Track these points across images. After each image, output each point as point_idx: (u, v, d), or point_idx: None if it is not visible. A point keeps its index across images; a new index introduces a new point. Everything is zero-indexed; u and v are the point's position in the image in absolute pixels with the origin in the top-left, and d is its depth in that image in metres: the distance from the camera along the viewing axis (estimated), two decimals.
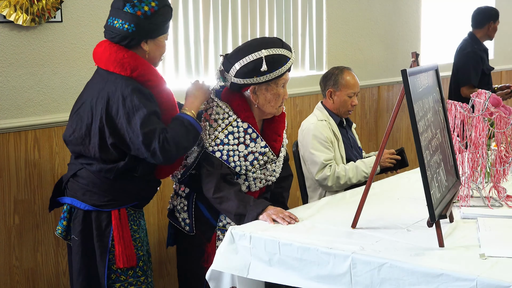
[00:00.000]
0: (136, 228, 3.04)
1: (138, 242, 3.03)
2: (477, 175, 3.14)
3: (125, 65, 2.87)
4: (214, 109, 3.17)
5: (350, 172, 3.77)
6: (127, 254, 2.95)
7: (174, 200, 3.31)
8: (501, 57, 7.48)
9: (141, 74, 2.89)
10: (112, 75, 2.89)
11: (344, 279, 2.49)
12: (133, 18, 2.86)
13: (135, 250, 2.99)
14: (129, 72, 2.87)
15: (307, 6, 5.02)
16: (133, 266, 2.98)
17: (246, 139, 3.13)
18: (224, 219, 3.17)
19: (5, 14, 3.21)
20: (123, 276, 2.98)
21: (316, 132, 3.81)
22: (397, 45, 5.93)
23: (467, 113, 3.10)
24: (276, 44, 3.11)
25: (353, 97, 3.93)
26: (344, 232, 2.74)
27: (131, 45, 2.91)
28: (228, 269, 2.79)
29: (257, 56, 3.04)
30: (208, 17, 4.29)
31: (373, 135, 5.67)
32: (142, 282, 3.02)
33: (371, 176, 2.79)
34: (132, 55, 2.90)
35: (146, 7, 2.86)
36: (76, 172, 2.99)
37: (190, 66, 4.20)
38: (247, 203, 2.98)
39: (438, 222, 2.52)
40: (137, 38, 2.89)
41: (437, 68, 2.98)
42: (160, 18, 2.91)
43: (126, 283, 2.99)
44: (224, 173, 3.08)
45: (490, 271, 2.27)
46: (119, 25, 2.88)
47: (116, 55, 2.89)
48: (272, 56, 3.06)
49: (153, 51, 2.97)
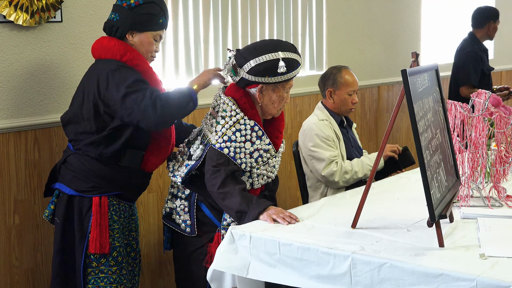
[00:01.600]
0: (116, 219, 3.11)
1: (116, 233, 3.11)
2: (477, 175, 3.14)
3: (115, 51, 3.04)
4: (221, 106, 3.19)
5: (355, 166, 3.80)
6: (100, 241, 3.03)
7: (173, 203, 3.30)
8: (501, 57, 7.48)
9: (130, 59, 3.04)
10: (102, 61, 3.07)
11: (344, 279, 2.49)
12: (119, 9, 3.07)
13: (111, 239, 3.07)
14: (119, 57, 3.03)
15: (307, 6, 5.02)
16: (105, 254, 3.05)
17: (253, 137, 3.16)
18: (228, 217, 3.17)
19: (5, 14, 3.21)
20: (95, 263, 3.07)
21: (318, 131, 3.82)
22: (397, 45, 5.93)
23: (467, 113, 3.10)
24: (290, 48, 3.19)
25: (353, 95, 3.94)
26: (344, 232, 2.74)
27: (118, 36, 3.09)
28: (228, 269, 2.79)
29: (274, 56, 3.10)
30: (208, 17, 4.29)
31: (373, 135, 5.67)
32: (113, 272, 3.08)
33: (371, 176, 2.79)
34: (122, 43, 3.08)
35: (132, 0, 3.05)
36: (66, 158, 3.14)
37: (190, 66, 4.20)
38: (250, 201, 2.99)
39: (438, 222, 2.52)
40: (121, 28, 3.07)
41: (437, 68, 2.98)
42: (144, 10, 3.05)
43: (97, 270, 3.07)
44: (232, 169, 3.10)
45: (490, 271, 2.27)
46: (110, 16, 3.13)
47: (107, 43, 3.08)
48: (288, 59, 3.12)
49: (138, 46, 3.10)
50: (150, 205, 3.95)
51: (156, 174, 3.96)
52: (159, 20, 3.10)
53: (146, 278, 3.98)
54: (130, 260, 3.22)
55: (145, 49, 3.12)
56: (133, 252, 3.25)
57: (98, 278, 3.07)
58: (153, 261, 4.01)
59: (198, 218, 3.25)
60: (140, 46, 3.10)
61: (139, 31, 3.09)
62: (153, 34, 3.12)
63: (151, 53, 3.16)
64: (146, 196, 3.93)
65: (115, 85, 2.97)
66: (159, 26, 3.13)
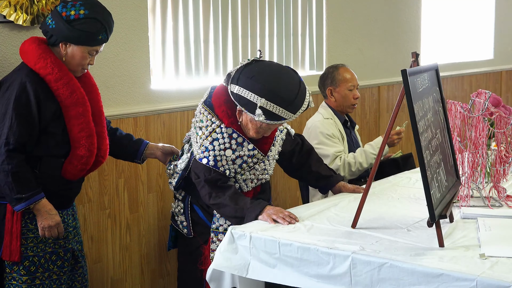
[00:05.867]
0: (31, 227, 3.01)
1: (30, 242, 3.02)
2: (477, 175, 3.14)
3: (30, 57, 2.97)
4: (198, 117, 3.16)
5: (359, 157, 3.82)
6: (10, 248, 2.97)
7: (174, 204, 3.35)
8: (501, 57, 7.47)
9: (42, 67, 2.95)
10: (21, 64, 3.01)
11: (344, 279, 2.49)
12: (57, 17, 2.97)
13: (23, 248, 2.99)
14: (33, 64, 2.96)
15: (307, 6, 5.01)
16: (16, 262, 2.99)
17: (232, 144, 3.09)
18: (217, 220, 3.16)
19: (5, 14, 3.21)
20: (8, 269, 3.02)
21: (323, 129, 3.84)
22: (397, 45, 5.93)
23: (467, 113, 3.10)
24: (282, 100, 2.95)
25: (353, 90, 3.96)
26: (344, 232, 2.74)
27: (51, 43, 3.01)
28: (228, 268, 2.79)
29: (254, 99, 2.93)
30: (208, 17, 4.28)
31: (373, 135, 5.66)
32: (23, 282, 3.01)
33: (371, 176, 2.79)
34: (41, 48, 2.99)
35: (72, 12, 2.95)
36: None
37: (190, 66, 4.19)
38: (244, 206, 2.98)
39: (438, 222, 2.52)
40: (54, 37, 2.98)
41: (437, 68, 2.98)
42: (81, 26, 2.94)
43: (10, 277, 3.02)
44: (215, 178, 3.07)
45: (490, 271, 2.27)
46: (47, 19, 3.01)
47: (27, 46, 3.00)
48: (267, 110, 2.93)
49: (70, 57, 3.01)
50: (150, 205, 3.95)
51: (156, 174, 3.96)
52: (98, 36, 2.99)
53: (146, 278, 3.98)
54: (55, 269, 3.09)
55: (75, 62, 3.01)
56: (60, 261, 3.10)
57: (11, 285, 3.01)
58: (153, 261, 4.01)
59: (193, 219, 3.28)
60: (71, 58, 3.00)
61: (75, 44, 2.98)
62: (88, 49, 3.00)
63: (82, 66, 3.04)
64: (146, 196, 3.93)
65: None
66: (97, 42, 3.01)
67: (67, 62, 3.01)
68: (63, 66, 2.99)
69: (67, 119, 3.00)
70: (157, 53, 4.02)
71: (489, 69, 7.22)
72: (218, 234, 3.14)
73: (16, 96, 2.90)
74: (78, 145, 3.03)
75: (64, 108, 2.99)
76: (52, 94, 2.97)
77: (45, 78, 2.95)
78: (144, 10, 3.86)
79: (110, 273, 3.81)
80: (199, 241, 3.25)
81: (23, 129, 2.90)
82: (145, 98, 3.90)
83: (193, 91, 4.11)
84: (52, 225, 2.98)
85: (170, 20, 4.05)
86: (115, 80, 3.74)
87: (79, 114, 3.01)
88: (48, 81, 2.96)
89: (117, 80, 3.75)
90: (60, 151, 3.02)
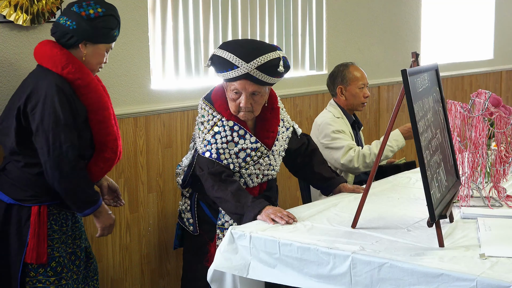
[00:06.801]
0: (56, 228, 3.04)
1: (56, 243, 3.04)
2: (477, 175, 3.14)
3: (57, 62, 2.95)
4: (200, 112, 3.20)
5: (374, 148, 3.80)
6: (38, 251, 2.97)
7: (181, 201, 3.37)
8: (501, 57, 7.48)
9: (71, 72, 2.95)
10: (43, 70, 2.99)
11: (344, 279, 2.49)
12: (76, 17, 2.96)
13: (50, 249, 3.01)
14: (60, 69, 2.95)
15: (307, 6, 5.02)
16: (43, 264, 2.99)
17: (234, 137, 3.12)
18: (222, 217, 3.18)
19: (5, 14, 3.21)
20: (32, 272, 3.01)
21: (335, 124, 3.85)
22: (397, 45, 5.93)
23: (467, 113, 3.10)
24: (235, 48, 3.03)
25: (364, 88, 3.97)
26: (344, 232, 2.74)
27: (70, 44, 3.00)
28: (228, 268, 2.79)
29: (214, 51, 3.08)
30: (208, 17, 4.29)
31: (373, 135, 5.66)
32: (51, 283, 3.02)
33: (371, 176, 2.79)
34: (65, 53, 2.99)
35: (91, 10, 2.97)
36: (5, 165, 3.05)
37: (190, 66, 4.20)
38: (245, 204, 2.98)
39: (438, 222, 2.52)
40: (75, 37, 2.97)
41: (437, 68, 2.98)
42: (102, 24, 2.97)
43: (35, 280, 3.01)
44: (218, 171, 3.08)
45: (490, 271, 2.27)
46: (63, 21, 3.00)
47: (50, 51, 2.99)
48: (220, 57, 3.04)
49: (90, 57, 3.02)
50: (150, 205, 3.95)
51: (156, 174, 3.97)
52: (114, 33, 3.05)
53: (146, 278, 3.98)
54: (75, 268, 3.13)
55: (96, 61, 3.04)
56: (78, 260, 3.14)
57: None
58: (153, 261, 4.01)
59: (199, 216, 3.28)
60: (91, 57, 3.02)
61: (94, 43, 3.01)
62: (106, 46, 3.05)
63: (100, 65, 3.08)
64: (146, 196, 3.93)
65: (40, 112, 2.89)
66: (113, 38, 3.06)
67: (86, 62, 3.03)
68: (87, 69, 3.01)
69: (93, 122, 3.02)
70: (157, 53, 4.02)
71: (489, 69, 7.22)
72: (224, 230, 3.15)
73: (61, 105, 2.89)
74: (105, 148, 3.07)
75: (90, 112, 3.01)
76: (78, 98, 2.98)
77: (74, 83, 2.96)
78: (144, 10, 3.86)
79: (110, 273, 3.81)
80: (205, 238, 3.26)
81: (75, 136, 2.94)
82: (145, 98, 3.90)
83: (193, 91, 4.11)
84: (112, 224, 3.09)
85: (170, 20, 4.06)
86: (115, 80, 3.74)
87: (105, 117, 3.04)
88: (76, 86, 2.97)
89: (117, 80, 3.76)
90: (86, 154, 3.05)
